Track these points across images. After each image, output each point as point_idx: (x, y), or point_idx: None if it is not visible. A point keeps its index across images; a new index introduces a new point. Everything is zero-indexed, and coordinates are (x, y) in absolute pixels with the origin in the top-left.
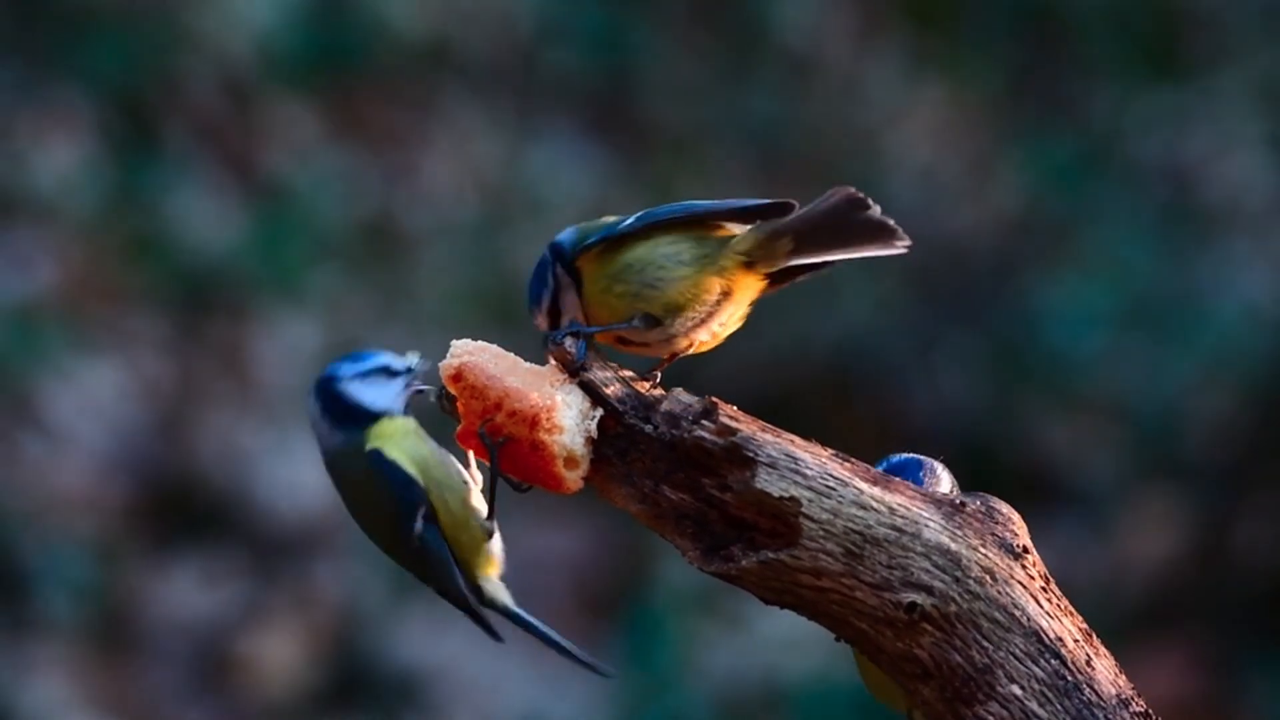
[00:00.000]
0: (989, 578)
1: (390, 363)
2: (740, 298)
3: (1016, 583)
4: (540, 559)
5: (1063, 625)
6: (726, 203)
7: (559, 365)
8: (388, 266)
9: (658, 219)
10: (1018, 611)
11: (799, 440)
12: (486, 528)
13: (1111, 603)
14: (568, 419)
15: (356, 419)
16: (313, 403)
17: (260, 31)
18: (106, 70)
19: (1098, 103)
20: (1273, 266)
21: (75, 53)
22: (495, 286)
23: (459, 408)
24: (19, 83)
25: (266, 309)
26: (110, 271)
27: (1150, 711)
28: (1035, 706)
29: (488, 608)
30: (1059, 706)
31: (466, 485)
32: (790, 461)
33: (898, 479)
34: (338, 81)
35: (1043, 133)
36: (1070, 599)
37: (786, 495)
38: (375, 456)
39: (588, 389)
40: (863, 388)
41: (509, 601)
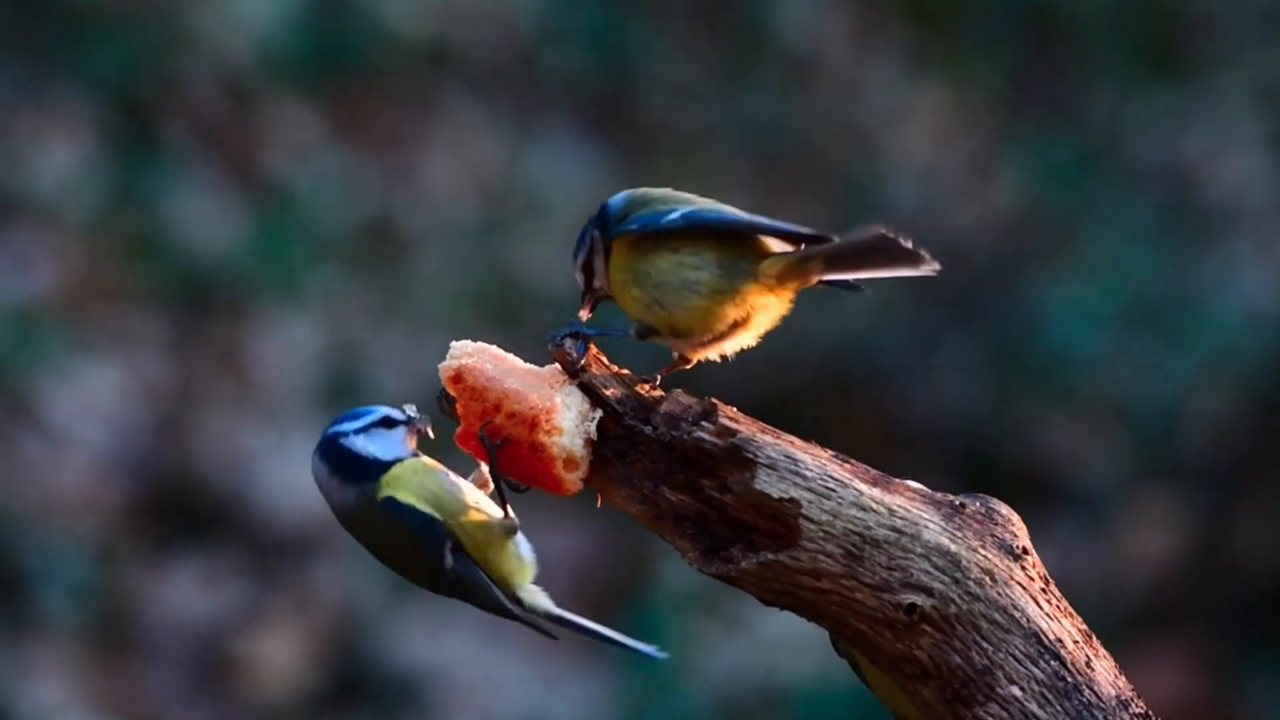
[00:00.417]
0: (989, 579)
1: (390, 413)
2: (757, 322)
3: (1016, 584)
4: (540, 559)
5: (1062, 626)
6: (772, 223)
7: (560, 365)
8: (388, 267)
9: (703, 223)
10: (1017, 613)
11: (799, 441)
12: (507, 526)
13: (1111, 603)
14: (567, 421)
15: (368, 472)
16: (319, 463)
17: (260, 32)
18: (106, 70)
19: (1098, 103)
20: (1273, 266)
21: (75, 53)
22: (495, 287)
23: (458, 409)
24: (19, 83)
25: (266, 309)
26: (110, 271)
27: (1150, 712)
28: (1035, 708)
29: (531, 615)
30: (1059, 708)
31: (479, 503)
32: (790, 463)
33: (898, 480)
34: (337, 82)
35: (1043, 133)
36: (1070, 599)
37: (786, 496)
38: (389, 504)
39: (587, 390)
40: (863, 389)
41: (549, 605)
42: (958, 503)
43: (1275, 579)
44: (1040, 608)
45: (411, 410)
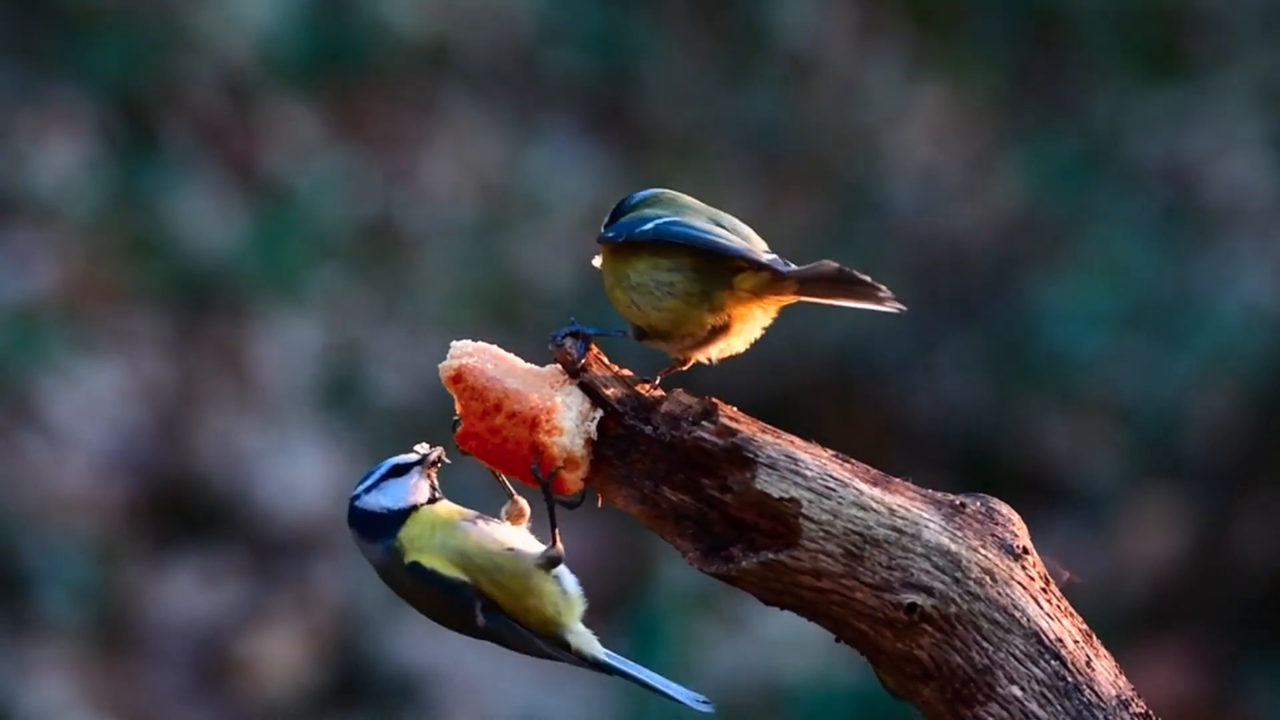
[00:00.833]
0: (989, 579)
1: (398, 461)
2: (742, 329)
3: (1016, 584)
4: None
5: (1063, 626)
6: (733, 248)
7: (560, 366)
8: (388, 267)
9: (670, 237)
10: (1018, 612)
11: (799, 441)
12: (551, 557)
13: (1111, 603)
14: (567, 421)
15: (384, 527)
16: (351, 530)
17: (260, 32)
18: (106, 70)
19: (1098, 103)
20: (1273, 266)
21: (75, 53)
22: (495, 287)
23: (459, 409)
24: (19, 83)
25: (266, 309)
26: (110, 271)
27: (1150, 712)
28: (1035, 707)
29: (578, 662)
30: (1059, 707)
31: (511, 547)
32: (790, 462)
33: (898, 480)
34: (337, 82)
35: (1043, 133)
36: (1070, 599)
37: (786, 496)
38: (415, 569)
39: (588, 390)
40: (863, 389)
41: (597, 651)
42: (958, 502)
43: (1275, 579)
44: (1040, 607)
45: (422, 448)
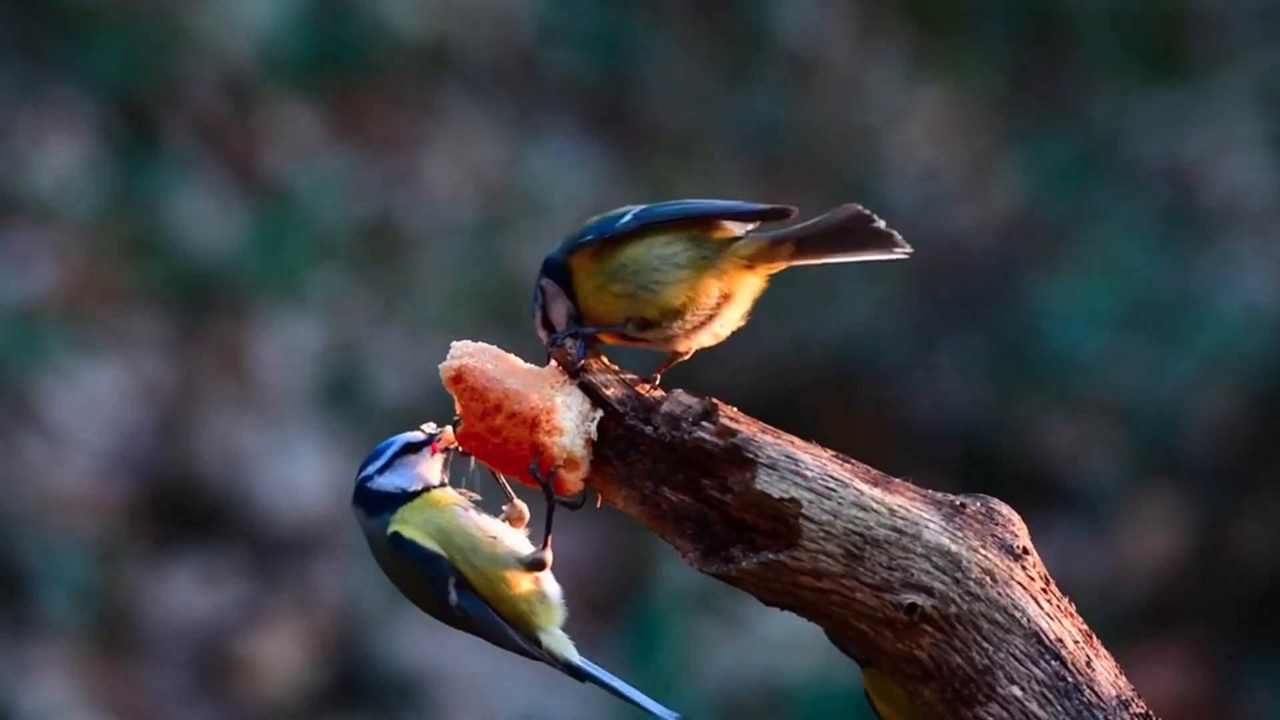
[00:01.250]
0: (989, 579)
1: (410, 439)
2: (740, 299)
3: (1016, 584)
4: None
5: (1063, 626)
6: (726, 204)
7: (560, 366)
8: (388, 267)
9: (655, 218)
10: (1018, 613)
11: (799, 441)
12: (533, 560)
13: (1111, 603)
14: (567, 421)
15: (393, 503)
16: (357, 510)
17: (260, 32)
18: (106, 70)
19: (1098, 103)
20: (1273, 266)
21: (75, 53)
22: (495, 287)
23: (459, 410)
24: (19, 83)
25: (266, 309)
26: (110, 271)
27: (1150, 712)
28: (1035, 707)
29: (550, 662)
30: (1059, 707)
31: (495, 538)
32: (790, 463)
33: (898, 480)
34: (337, 82)
35: (1043, 133)
36: (1070, 599)
37: (787, 496)
38: (395, 539)
39: (588, 390)
40: (863, 389)
41: (572, 655)
42: (958, 503)
43: (1275, 579)
44: (1040, 607)
45: (430, 428)
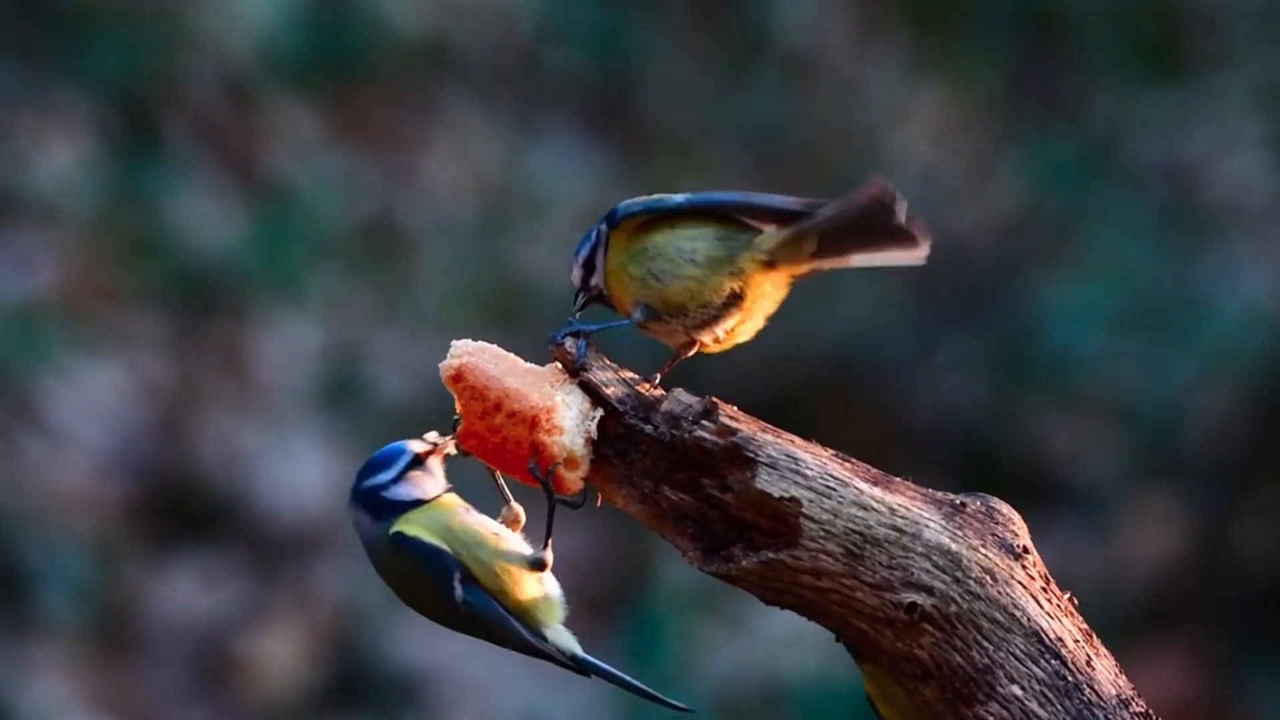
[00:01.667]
0: (989, 578)
1: (415, 451)
2: (754, 305)
3: (1017, 583)
4: None
5: (1063, 626)
6: (777, 198)
7: (560, 365)
8: (388, 266)
9: (710, 204)
10: (1018, 612)
11: (799, 440)
12: (535, 560)
13: (1111, 603)
14: (567, 420)
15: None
16: (360, 514)
17: (260, 31)
18: (106, 70)
19: (1098, 103)
20: (1273, 266)
21: (75, 53)
22: (495, 286)
23: (459, 409)
24: (19, 83)
25: (266, 309)
26: (110, 271)
27: (1150, 712)
28: (1035, 707)
29: (555, 657)
30: (1059, 707)
31: (498, 535)
32: (790, 462)
33: (898, 479)
34: (338, 82)
35: (1043, 133)
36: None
37: (787, 495)
38: (397, 538)
39: (588, 389)
40: (863, 388)
41: (576, 648)
42: (958, 502)
43: (1275, 579)
44: (1041, 607)
45: (433, 436)
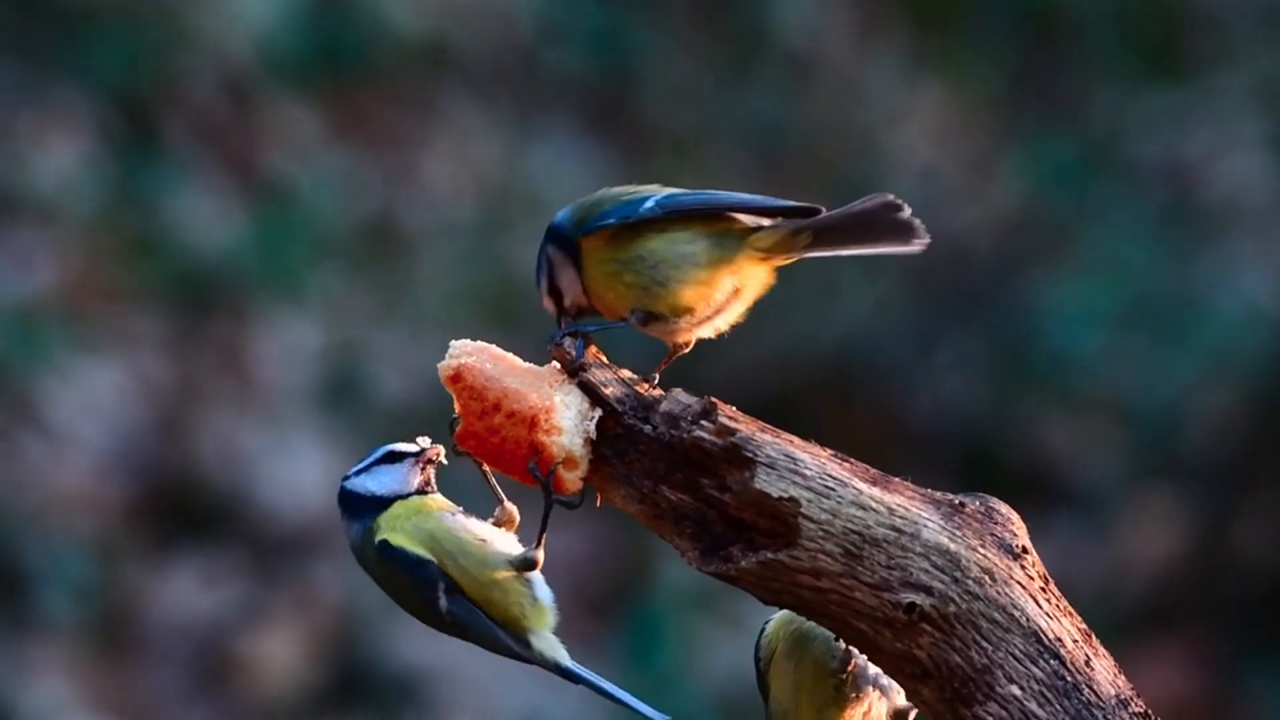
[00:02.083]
0: (988, 578)
1: (395, 448)
2: (748, 294)
3: (1016, 583)
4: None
5: (1062, 626)
6: (755, 199)
7: (559, 365)
8: (388, 266)
9: (680, 208)
10: (1017, 612)
11: (798, 440)
12: (526, 559)
13: (1111, 603)
14: (566, 420)
15: (366, 510)
16: (339, 511)
17: (260, 31)
18: (106, 70)
19: (1098, 103)
20: (1273, 266)
21: (75, 53)
22: (495, 286)
23: (458, 408)
24: (19, 83)
25: (266, 309)
26: (110, 271)
27: (1149, 712)
28: (1034, 707)
29: (541, 665)
30: (1058, 707)
31: (485, 540)
32: (789, 462)
33: (897, 479)
34: (338, 81)
35: (1043, 133)
36: (1070, 599)
37: (785, 495)
38: (383, 547)
39: (587, 389)
40: (863, 388)
41: (562, 658)
42: (957, 502)
43: (1275, 579)
44: (1040, 607)
45: (424, 441)
